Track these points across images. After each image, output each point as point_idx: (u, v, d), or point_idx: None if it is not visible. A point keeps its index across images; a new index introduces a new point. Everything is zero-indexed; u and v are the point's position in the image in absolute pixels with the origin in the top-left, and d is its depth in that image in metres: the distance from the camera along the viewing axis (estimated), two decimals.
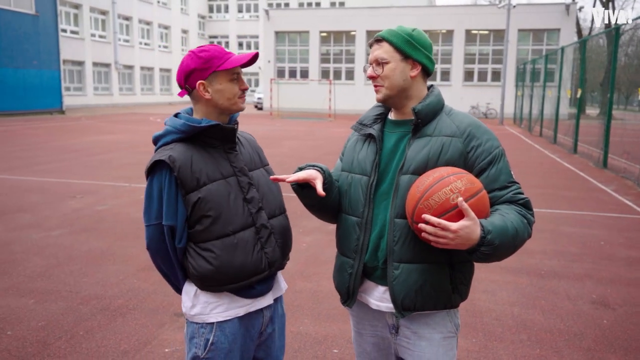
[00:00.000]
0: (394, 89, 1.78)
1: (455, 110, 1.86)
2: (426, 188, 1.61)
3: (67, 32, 33.15)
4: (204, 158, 1.85)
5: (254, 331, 1.95)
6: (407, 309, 1.75)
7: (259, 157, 2.06)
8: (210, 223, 1.82)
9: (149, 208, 1.84)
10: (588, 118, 25.79)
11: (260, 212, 1.92)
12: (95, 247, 5.41)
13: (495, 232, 1.58)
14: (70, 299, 4.14)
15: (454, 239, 1.54)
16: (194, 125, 1.82)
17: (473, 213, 1.55)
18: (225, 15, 51.18)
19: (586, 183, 9.92)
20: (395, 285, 1.74)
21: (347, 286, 1.87)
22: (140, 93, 41.55)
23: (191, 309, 1.89)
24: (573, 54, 19.14)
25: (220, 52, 1.86)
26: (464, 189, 1.58)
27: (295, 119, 27.28)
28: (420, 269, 1.73)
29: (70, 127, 20.05)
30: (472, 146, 1.75)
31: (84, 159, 11.72)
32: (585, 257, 5.40)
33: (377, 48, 1.80)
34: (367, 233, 1.81)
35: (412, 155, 1.75)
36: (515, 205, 1.72)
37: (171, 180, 1.80)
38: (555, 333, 3.71)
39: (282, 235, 1.99)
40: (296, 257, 5.24)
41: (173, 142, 1.85)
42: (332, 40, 34.37)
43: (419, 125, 1.78)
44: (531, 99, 22.22)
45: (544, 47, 30.71)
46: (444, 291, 1.76)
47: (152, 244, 1.87)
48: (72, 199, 7.63)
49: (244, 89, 1.91)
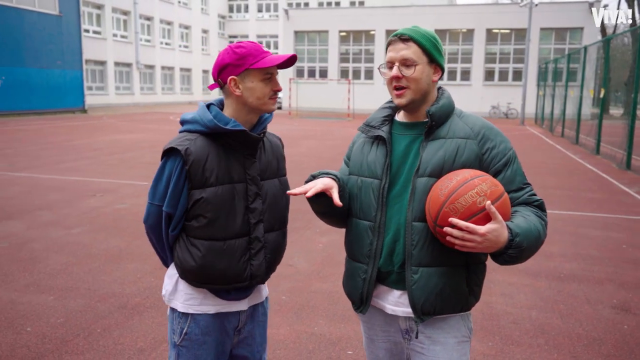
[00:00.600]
0: (419, 93, 1.75)
1: (466, 113, 1.84)
2: (451, 191, 1.58)
3: (89, 33, 33.62)
4: (220, 158, 1.84)
5: (229, 327, 1.96)
6: (427, 314, 1.74)
7: (278, 166, 2.04)
8: (205, 224, 1.84)
9: (155, 187, 1.88)
10: (611, 118, 25.36)
11: (259, 224, 1.92)
12: (113, 246, 5.48)
13: (522, 235, 1.58)
14: (88, 296, 4.19)
15: (481, 242, 1.53)
16: (219, 125, 1.82)
17: (500, 216, 1.54)
18: (245, 15, 51.39)
19: (608, 185, 9.75)
20: (415, 289, 1.72)
21: (360, 292, 1.84)
22: (161, 92, 41.94)
23: (170, 294, 1.95)
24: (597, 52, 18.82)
25: (257, 50, 1.84)
26: (489, 192, 1.57)
27: (313, 119, 27.30)
28: (439, 273, 1.72)
29: (92, 126, 20.33)
30: (487, 148, 1.74)
31: (104, 157, 11.87)
32: (607, 261, 5.31)
33: (404, 48, 1.72)
34: (380, 237, 1.78)
35: (428, 158, 1.73)
36: (531, 207, 1.73)
37: (182, 171, 1.82)
38: (574, 338, 3.65)
39: (274, 251, 1.99)
40: (312, 257, 5.24)
41: (197, 132, 1.85)
42: (352, 40, 34.31)
43: (432, 128, 1.76)
44: (553, 99, 21.92)
45: (567, 46, 30.27)
46: (461, 294, 1.75)
47: (149, 221, 1.91)
48: (92, 198, 7.73)
49: (277, 90, 1.88)
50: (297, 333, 3.66)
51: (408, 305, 1.77)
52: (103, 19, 35.07)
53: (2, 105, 24.26)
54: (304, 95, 33.08)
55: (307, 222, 6.40)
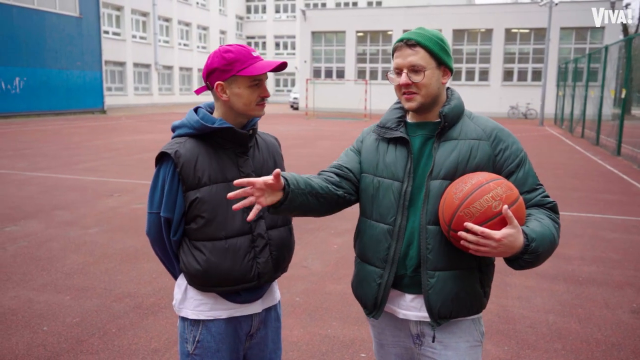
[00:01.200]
0: (429, 97, 1.72)
1: (476, 114, 1.82)
2: (465, 195, 1.56)
3: (109, 34, 34.03)
4: (211, 158, 1.85)
5: (241, 333, 1.95)
6: (444, 317, 1.72)
7: (275, 164, 2.02)
8: (204, 224, 1.84)
9: (152, 196, 1.89)
10: (633, 119, 24.96)
11: (260, 221, 1.90)
12: (130, 246, 5.52)
13: (538, 240, 1.55)
14: (104, 296, 4.23)
15: (497, 247, 1.50)
16: (206, 125, 1.83)
17: (516, 221, 1.51)
18: (262, 15, 51.59)
19: (629, 186, 9.58)
20: (432, 294, 1.70)
21: (375, 297, 1.80)
22: (179, 93, 42.31)
23: (180, 303, 1.94)
24: (618, 52, 18.51)
25: (245, 55, 1.81)
26: (504, 196, 1.54)
27: (330, 119, 27.28)
28: (454, 276, 1.70)
29: (111, 127, 20.56)
30: (500, 149, 1.72)
31: (122, 157, 11.99)
32: (627, 264, 5.21)
33: (412, 53, 1.69)
34: (400, 242, 1.74)
35: (441, 160, 1.70)
36: (544, 209, 1.70)
37: (174, 175, 1.83)
38: (592, 343, 3.58)
39: (279, 248, 1.96)
40: (327, 258, 5.22)
41: (186, 135, 1.87)
42: (369, 40, 34.23)
43: (445, 128, 1.74)
44: (573, 99, 21.62)
45: (587, 46, 29.85)
46: (476, 296, 1.74)
47: (152, 232, 1.91)
48: (110, 197, 7.81)
49: (264, 97, 1.87)
50: (311, 335, 3.65)
51: (420, 309, 1.75)
52: (122, 20, 35.46)
53: (22, 106, 24.67)
54: (321, 95, 33.08)
55: (322, 223, 6.39)
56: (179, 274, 1.97)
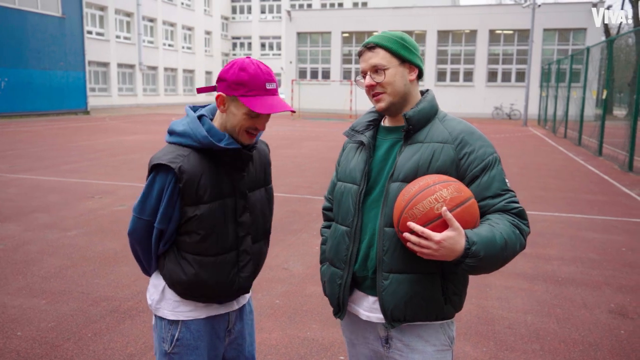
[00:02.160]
0: (397, 95, 1.73)
1: (450, 116, 1.79)
2: (411, 196, 1.57)
3: (92, 34, 33.71)
4: (212, 175, 1.80)
5: (220, 330, 1.94)
6: (397, 320, 1.71)
7: (264, 175, 2.01)
8: (199, 240, 1.81)
9: (144, 202, 1.81)
10: (615, 119, 25.23)
11: (247, 237, 1.90)
12: (109, 248, 5.46)
13: (480, 244, 1.52)
14: (81, 300, 4.17)
15: (437, 249, 1.50)
16: (214, 143, 1.75)
17: (457, 223, 1.51)
18: (248, 16, 51.44)
19: (610, 187, 9.68)
20: (385, 295, 1.70)
21: (337, 297, 1.82)
22: (164, 94, 42.04)
23: (157, 303, 1.90)
24: (600, 53, 18.71)
25: (257, 84, 1.71)
26: (449, 198, 1.53)
27: (316, 120, 27.27)
28: (410, 279, 1.68)
29: (95, 128, 20.36)
30: (465, 153, 1.69)
31: (106, 159, 11.87)
32: (606, 264, 5.26)
33: (372, 55, 1.72)
34: (356, 243, 1.77)
35: (403, 163, 1.70)
36: (508, 215, 1.65)
37: (174, 189, 1.76)
38: (570, 343, 3.60)
39: (258, 261, 1.98)
40: (308, 260, 5.20)
41: (189, 147, 1.78)
42: (354, 41, 34.27)
43: (410, 132, 1.73)
44: (556, 100, 21.83)
45: (570, 47, 30.16)
46: (435, 302, 1.71)
47: (137, 234, 1.86)
48: (91, 200, 7.72)
49: (259, 129, 1.80)
50: (290, 338, 3.63)
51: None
52: (106, 20, 35.16)
53: (4, 107, 24.34)
54: (307, 96, 33.07)
55: (305, 225, 6.37)
56: (153, 272, 1.95)
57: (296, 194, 8.27)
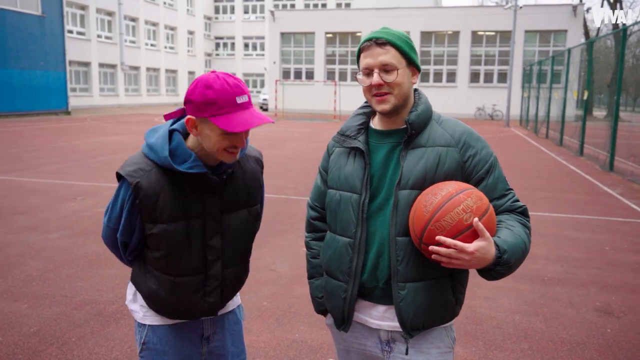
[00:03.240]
0: (402, 98, 1.66)
1: (444, 117, 1.76)
2: (436, 208, 1.52)
3: (73, 33, 33.26)
4: (174, 195, 1.68)
5: (193, 335, 1.88)
6: (416, 329, 1.68)
7: (247, 196, 1.84)
8: (159, 257, 1.75)
9: (111, 210, 1.76)
10: (595, 120, 25.59)
11: (217, 261, 1.80)
12: (92, 251, 5.37)
13: (510, 251, 1.53)
14: (64, 303, 4.09)
15: (469, 260, 1.47)
16: (174, 166, 1.63)
17: (488, 233, 1.49)
18: (231, 16, 51.19)
19: (592, 186, 9.79)
20: (403, 306, 1.66)
21: (342, 311, 1.76)
22: (146, 94, 41.64)
23: (130, 303, 1.89)
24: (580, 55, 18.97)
25: (226, 99, 1.57)
26: (475, 207, 1.51)
27: (300, 120, 27.23)
28: (425, 287, 1.66)
29: (76, 128, 20.08)
30: (469, 155, 1.68)
31: (87, 160, 11.70)
32: (590, 263, 5.31)
33: (383, 52, 1.62)
34: (361, 254, 1.70)
35: (409, 169, 1.65)
36: (515, 215, 1.67)
37: (133, 204, 1.69)
38: (558, 342, 3.62)
39: (232, 286, 1.88)
40: (295, 261, 5.17)
41: (154, 162, 1.68)
42: (338, 42, 34.29)
43: (412, 136, 1.68)
44: (537, 101, 22.07)
45: (551, 49, 30.51)
46: (449, 305, 1.71)
47: (106, 240, 1.83)
48: (73, 201, 7.59)
49: (239, 147, 1.65)
50: (278, 340, 3.59)
51: (393, 319, 1.71)
52: (87, 19, 34.72)
53: None
54: (290, 96, 33.00)
55: (291, 226, 6.33)
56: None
57: (282, 195, 8.23)
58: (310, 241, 1.95)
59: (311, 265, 1.94)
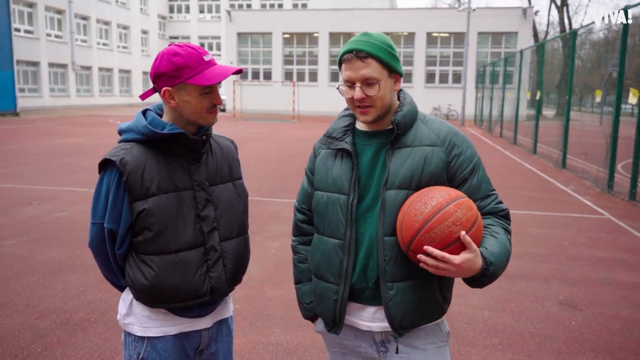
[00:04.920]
0: (384, 109, 1.68)
1: (429, 117, 1.78)
2: (426, 218, 1.53)
3: (20, 32, 32.04)
4: (160, 166, 1.72)
5: (189, 348, 1.85)
6: (405, 328, 1.70)
7: (230, 170, 1.91)
8: (152, 237, 1.71)
9: (95, 205, 1.74)
10: (545, 119, 26.46)
11: (213, 232, 1.80)
12: (53, 257, 5.18)
13: (496, 263, 1.56)
14: (27, 313, 3.93)
15: (455, 271, 1.50)
16: (155, 130, 1.70)
17: (475, 245, 1.51)
18: (186, 15, 50.46)
19: (547, 184, 10.13)
20: (392, 306, 1.67)
21: (332, 314, 1.75)
22: (99, 94, 40.55)
23: (125, 317, 1.82)
24: (530, 56, 19.58)
25: (195, 60, 1.67)
26: (464, 220, 1.53)
27: (258, 121, 27.07)
28: (414, 286, 1.68)
29: (26, 130, 19.36)
30: (454, 155, 1.70)
31: (41, 163, 11.29)
32: (551, 258, 5.48)
33: (364, 66, 1.60)
34: (351, 255, 1.71)
35: (396, 169, 1.66)
36: (497, 218, 1.71)
37: (119, 184, 1.69)
38: (526, 336, 3.72)
39: (234, 260, 1.86)
40: (264, 263, 5.14)
41: (134, 141, 1.73)
42: (295, 42, 34.27)
43: (398, 136, 1.70)
44: (491, 101, 22.66)
45: (503, 50, 31.37)
46: (436, 303, 1.73)
47: (94, 243, 1.77)
48: (29, 206, 7.31)
49: (217, 104, 1.74)
50: (253, 343, 3.56)
51: (383, 320, 1.72)
52: (35, 17, 33.52)
53: None
54: (248, 97, 32.79)
55: (258, 227, 6.29)
56: (125, 287, 1.85)
57: None
58: (297, 245, 1.94)
59: (299, 270, 1.92)
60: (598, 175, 10.10)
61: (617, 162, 9.60)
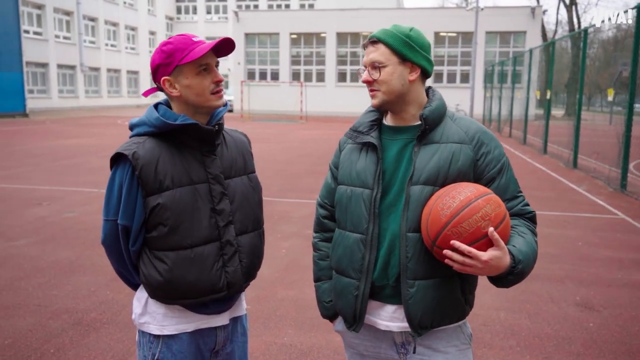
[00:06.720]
0: (392, 94, 1.66)
1: (458, 115, 1.76)
2: (454, 213, 1.49)
3: (29, 33, 32.19)
4: (175, 159, 1.69)
5: (205, 349, 1.81)
6: (424, 328, 1.65)
7: (244, 162, 1.88)
8: (167, 232, 1.67)
9: (108, 202, 1.71)
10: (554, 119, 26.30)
11: (229, 226, 1.77)
12: (63, 257, 5.17)
13: (524, 261, 1.53)
14: (39, 313, 3.91)
15: (482, 268, 1.46)
16: (167, 122, 1.67)
17: (502, 242, 1.47)
18: (193, 16, 50.56)
19: (558, 183, 10.03)
20: (412, 304, 1.63)
21: (353, 310, 1.72)
22: (107, 96, 40.69)
23: (140, 317, 1.79)
24: (539, 55, 19.45)
25: (185, 43, 1.67)
26: (493, 215, 1.49)
27: (266, 122, 27.07)
28: (435, 284, 1.64)
29: (35, 131, 19.44)
30: (482, 153, 1.67)
31: (49, 163, 11.32)
32: (564, 258, 5.41)
33: (373, 50, 1.66)
34: (373, 250, 1.67)
35: (422, 164, 1.63)
36: (525, 220, 1.68)
37: (132, 179, 1.66)
38: (544, 338, 3.66)
39: (250, 255, 1.83)
40: (276, 263, 5.10)
41: (146, 134, 1.71)
42: (303, 42, 34.25)
43: (425, 132, 1.67)
44: (500, 100, 22.53)
45: (511, 49, 31.21)
46: (457, 304, 1.69)
47: (107, 240, 1.74)
48: (38, 206, 7.32)
49: (217, 81, 1.72)
50: (266, 344, 3.52)
51: (403, 319, 1.68)
52: (44, 19, 33.67)
53: None
54: (256, 97, 32.78)
55: (268, 227, 6.21)
56: (140, 286, 1.81)
57: None
58: (318, 242, 1.91)
59: (319, 267, 1.89)
60: (610, 174, 9.99)
61: (630, 162, 9.49)
